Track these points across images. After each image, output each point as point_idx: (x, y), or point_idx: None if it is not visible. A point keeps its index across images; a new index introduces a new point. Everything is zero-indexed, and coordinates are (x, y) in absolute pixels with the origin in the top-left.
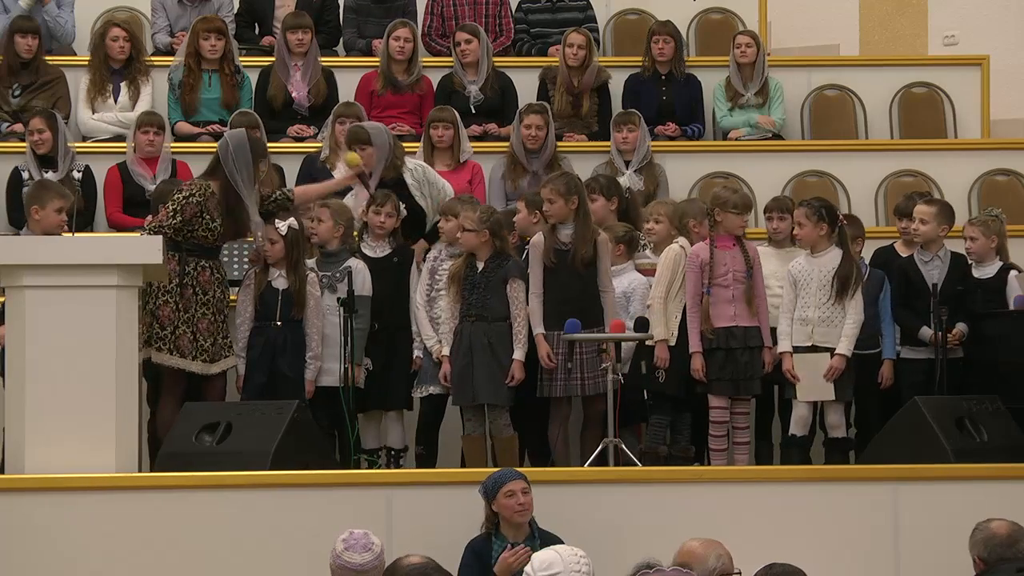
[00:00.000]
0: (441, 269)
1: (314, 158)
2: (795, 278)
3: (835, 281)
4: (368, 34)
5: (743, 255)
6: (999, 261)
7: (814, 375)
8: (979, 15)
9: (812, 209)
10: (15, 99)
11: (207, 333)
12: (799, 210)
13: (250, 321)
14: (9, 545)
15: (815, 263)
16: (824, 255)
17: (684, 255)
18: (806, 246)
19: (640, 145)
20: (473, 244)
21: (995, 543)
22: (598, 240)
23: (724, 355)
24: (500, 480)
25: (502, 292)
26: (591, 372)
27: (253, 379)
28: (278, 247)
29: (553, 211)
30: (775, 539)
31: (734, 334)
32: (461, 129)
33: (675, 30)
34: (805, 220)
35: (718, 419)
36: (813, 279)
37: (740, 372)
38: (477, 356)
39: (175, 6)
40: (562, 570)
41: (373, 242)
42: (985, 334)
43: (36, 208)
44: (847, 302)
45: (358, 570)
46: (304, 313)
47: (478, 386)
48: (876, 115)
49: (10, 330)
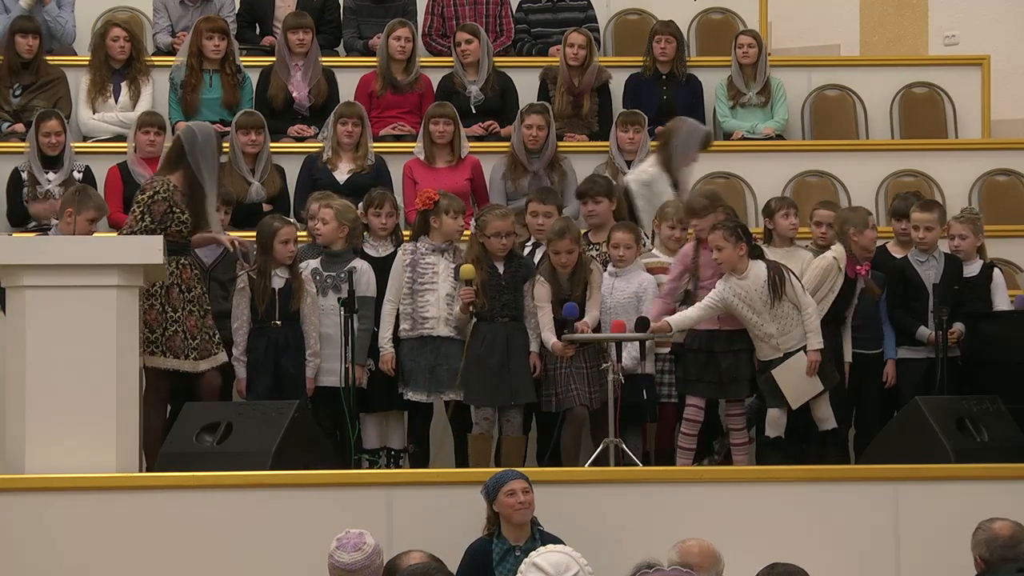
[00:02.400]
0: (423, 263)
1: (315, 158)
2: (739, 301)
3: (769, 290)
4: (368, 34)
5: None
6: (980, 260)
7: (796, 378)
8: (979, 15)
9: (729, 231)
10: (16, 99)
11: (195, 330)
12: (716, 234)
13: (248, 324)
14: (9, 545)
15: (747, 284)
16: (750, 272)
17: (837, 265)
18: (728, 269)
19: (642, 145)
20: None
21: (997, 544)
22: (591, 279)
23: (706, 357)
24: (501, 480)
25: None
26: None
27: (260, 381)
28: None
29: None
30: (775, 539)
31: (717, 338)
32: (460, 125)
33: (677, 30)
34: (724, 243)
35: (691, 417)
36: (755, 298)
37: (723, 375)
38: (514, 357)
39: (177, 6)
40: (579, 570)
41: (375, 242)
42: (984, 334)
43: (71, 211)
44: (797, 300)
45: (347, 569)
46: (302, 311)
47: (518, 386)
48: (876, 115)
49: (10, 330)
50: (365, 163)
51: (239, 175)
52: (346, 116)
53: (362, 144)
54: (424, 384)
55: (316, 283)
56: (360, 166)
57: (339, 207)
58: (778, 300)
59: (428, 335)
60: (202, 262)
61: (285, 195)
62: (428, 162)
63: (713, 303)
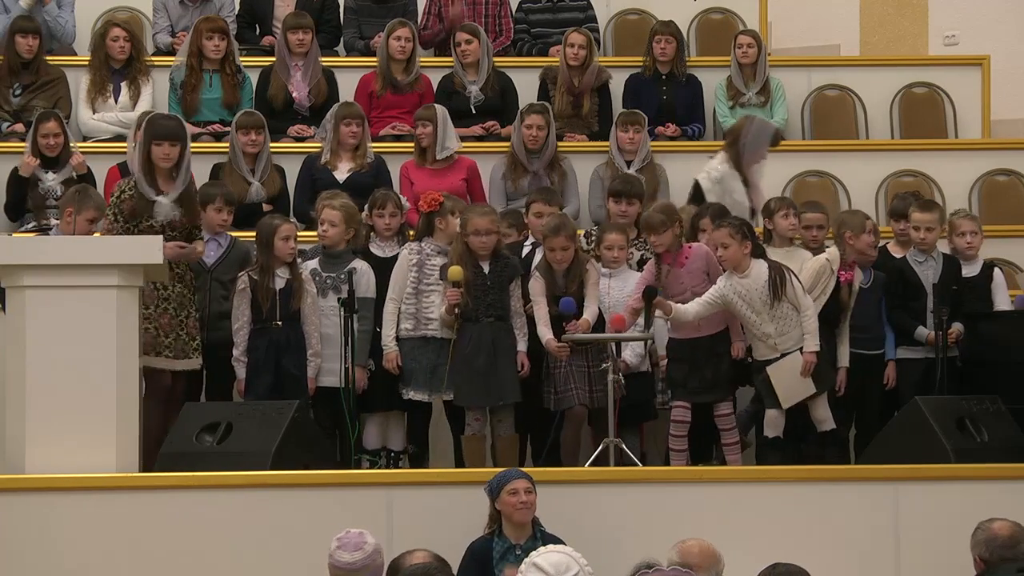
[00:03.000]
0: (429, 264)
1: (315, 158)
2: (739, 299)
3: (770, 291)
4: (368, 34)
5: (697, 265)
6: (980, 260)
7: (791, 378)
8: (979, 15)
9: (735, 228)
10: (16, 99)
11: (168, 328)
12: (721, 231)
13: (248, 325)
14: (9, 545)
15: (747, 283)
16: (751, 271)
17: (830, 268)
18: (731, 267)
19: (642, 146)
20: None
21: (997, 544)
22: (586, 276)
23: (688, 367)
24: (505, 478)
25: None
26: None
27: (261, 380)
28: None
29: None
30: (775, 539)
31: (699, 345)
32: (444, 127)
33: (677, 30)
34: (730, 240)
35: (678, 419)
36: (755, 297)
37: (705, 382)
38: (501, 357)
39: (177, 6)
40: (579, 570)
41: (381, 242)
42: (984, 334)
43: (71, 211)
44: (797, 301)
45: (347, 569)
46: (302, 311)
47: (504, 386)
48: (876, 115)
49: (10, 330)
50: (365, 162)
51: (239, 175)
52: (349, 117)
53: (362, 144)
54: (425, 383)
55: (316, 284)
56: (360, 165)
57: (347, 210)
58: (778, 301)
59: (430, 335)
60: (203, 262)
61: (285, 195)
62: (419, 164)
63: (713, 299)
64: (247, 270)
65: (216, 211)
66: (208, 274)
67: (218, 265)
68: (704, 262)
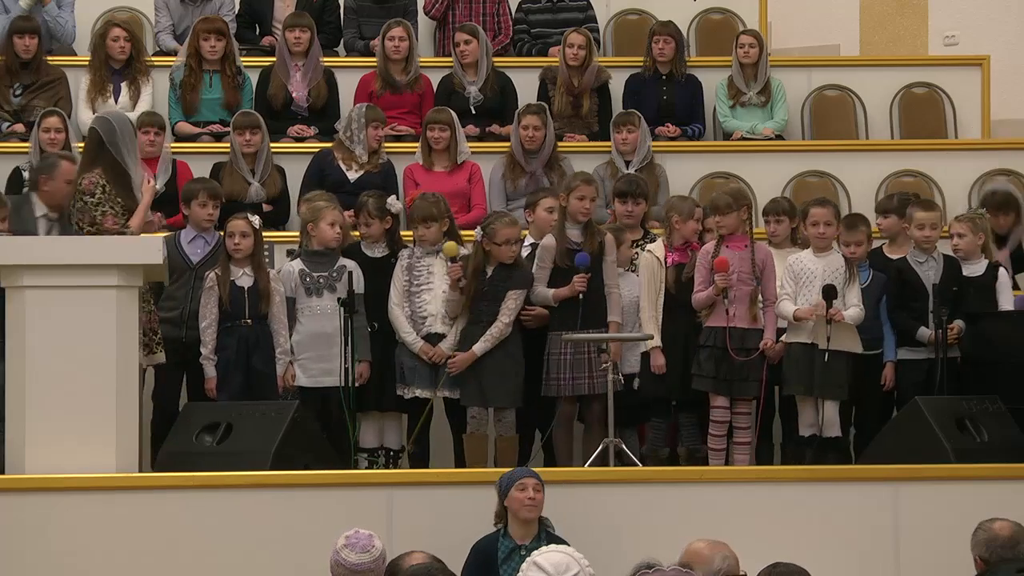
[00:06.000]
0: (419, 265)
1: (327, 154)
2: (796, 274)
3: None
4: (368, 34)
5: (751, 256)
6: (985, 259)
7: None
8: (979, 15)
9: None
10: (16, 99)
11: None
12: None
13: (215, 323)
14: (9, 545)
15: (819, 263)
16: (828, 255)
17: (654, 257)
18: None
19: (640, 145)
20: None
21: (997, 544)
22: (605, 240)
23: (721, 353)
24: (515, 475)
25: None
26: (598, 371)
27: (232, 379)
28: (249, 241)
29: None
30: (775, 539)
31: (732, 335)
32: (458, 130)
33: (676, 30)
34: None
35: (717, 419)
36: (817, 277)
37: (735, 373)
38: (488, 360)
39: (178, 6)
40: (579, 570)
41: (372, 243)
42: (984, 334)
43: (45, 178)
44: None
45: (353, 569)
46: (270, 310)
47: (488, 389)
48: (876, 115)
49: (10, 330)
50: (378, 162)
51: (239, 175)
52: (377, 120)
53: (380, 146)
54: (428, 380)
55: (305, 284)
56: (374, 164)
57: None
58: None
59: (429, 332)
60: (189, 260)
61: (285, 195)
62: (427, 167)
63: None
64: (214, 269)
65: (200, 206)
66: (192, 272)
67: (203, 263)
68: (764, 256)
